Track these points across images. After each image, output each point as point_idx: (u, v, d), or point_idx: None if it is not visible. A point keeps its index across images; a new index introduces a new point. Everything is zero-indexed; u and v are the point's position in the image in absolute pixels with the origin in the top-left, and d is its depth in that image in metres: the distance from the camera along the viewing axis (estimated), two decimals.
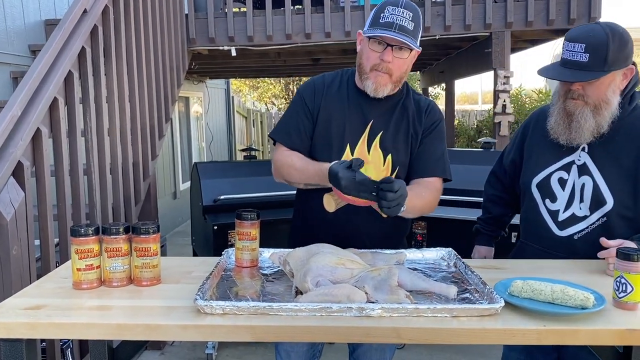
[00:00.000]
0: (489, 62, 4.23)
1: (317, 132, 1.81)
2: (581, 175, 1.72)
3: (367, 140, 1.76)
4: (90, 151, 2.61)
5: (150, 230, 1.45)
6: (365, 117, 1.78)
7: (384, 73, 1.68)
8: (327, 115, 1.80)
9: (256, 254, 1.66)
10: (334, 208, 1.75)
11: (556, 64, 1.67)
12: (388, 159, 1.76)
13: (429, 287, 1.41)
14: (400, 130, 1.79)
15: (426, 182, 1.78)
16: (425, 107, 1.82)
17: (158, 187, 6.82)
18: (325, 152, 1.79)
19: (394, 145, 1.77)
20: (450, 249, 1.73)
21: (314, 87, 1.84)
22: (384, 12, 1.63)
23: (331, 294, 1.31)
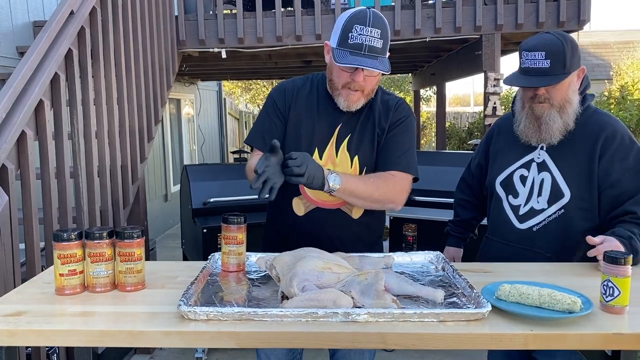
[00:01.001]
0: (480, 65, 4.23)
1: (286, 135, 1.81)
2: (540, 172, 1.83)
3: (335, 144, 1.79)
4: (78, 154, 2.58)
5: (134, 234, 1.43)
6: (333, 121, 1.78)
7: (356, 90, 1.69)
8: (297, 119, 1.80)
9: (243, 258, 1.64)
10: (304, 211, 1.74)
11: (517, 73, 1.78)
12: (355, 161, 1.79)
13: (416, 291, 1.40)
14: (366, 131, 1.79)
15: (385, 173, 1.75)
16: (393, 105, 1.82)
17: (149, 189, 6.82)
18: None
19: (360, 147, 1.79)
20: (438, 252, 1.72)
21: (284, 90, 1.84)
22: (352, 31, 1.60)
23: (317, 299, 1.29)
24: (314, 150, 1.77)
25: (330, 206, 1.78)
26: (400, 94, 14.21)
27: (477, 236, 2.29)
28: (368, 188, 1.69)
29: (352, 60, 1.59)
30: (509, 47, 5.23)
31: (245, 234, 1.65)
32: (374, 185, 1.71)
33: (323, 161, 1.77)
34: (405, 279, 1.45)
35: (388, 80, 15.14)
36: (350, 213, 1.80)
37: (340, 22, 1.64)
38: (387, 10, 4.24)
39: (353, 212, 1.80)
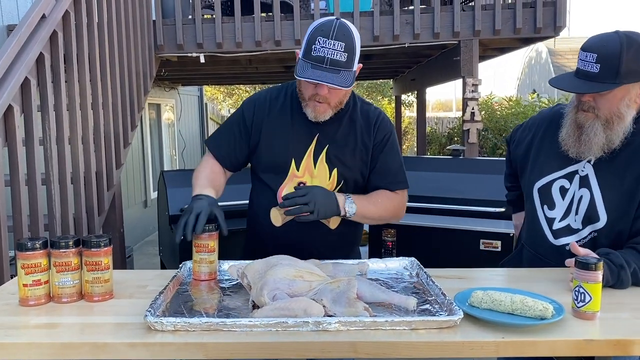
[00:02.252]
0: (458, 70, 4.26)
1: (261, 148, 1.79)
2: (581, 187, 1.66)
3: (313, 154, 1.77)
4: (50, 160, 2.53)
5: (101, 243, 1.40)
6: (310, 130, 1.76)
7: (322, 102, 1.67)
8: (271, 131, 1.78)
9: (214, 266, 1.61)
10: (281, 222, 1.71)
11: (570, 74, 1.62)
12: (334, 173, 1.77)
13: (388, 298, 1.39)
14: (348, 144, 1.77)
15: (388, 193, 1.79)
16: (374, 120, 1.80)
17: (128, 195, 6.74)
18: (270, 169, 1.80)
19: (341, 159, 1.77)
20: (413, 258, 1.71)
21: (255, 102, 1.82)
22: (315, 43, 1.57)
23: (288, 308, 1.27)
24: (290, 162, 1.75)
25: None
26: (383, 99, 14.26)
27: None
28: (378, 210, 1.75)
29: (312, 74, 1.56)
30: (487, 53, 5.28)
31: (217, 241, 1.62)
32: (383, 206, 1.76)
33: (300, 172, 1.76)
34: (378, 287, 1.43)
35: (371, 85, 15.18)
36: (327, 224, 1.79)
37: (308, 32, 1.62)
38: (366, 15, 4.25)
39: (331, 222, 1.79)
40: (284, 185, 1.77)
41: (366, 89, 14.72)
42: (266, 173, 1.81)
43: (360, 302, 1.31)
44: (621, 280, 1.48)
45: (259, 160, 1.81)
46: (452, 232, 3.25)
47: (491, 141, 5.14)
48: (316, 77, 1.56)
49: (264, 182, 1.82)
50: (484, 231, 3.18)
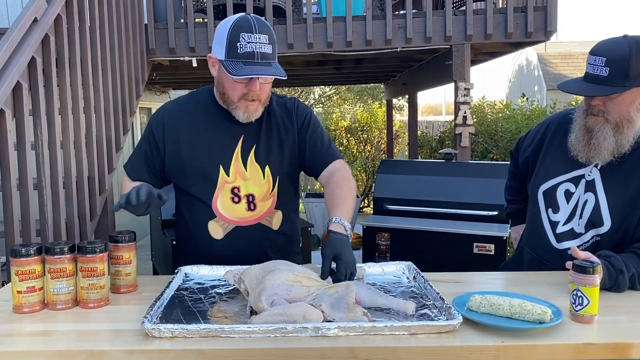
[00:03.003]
0: (450, 74, 4.27)
1: (183, 162, 1.71)
2: (587, 191, 1.66)
3: (240, 156, 1.72)
4: (42, 165, 2.50)
5: (96, 249, 1.39)
6: (233, 134, 1.71)
7: (253, 100, 1.62)
8: (190, 141, 1.71)
9: (132, 279, 1.55)
10: (223, 234, 1.70)
11: (578, 79, 1.62)
12: (267, 172, 1.74)
13: (387, 303, 1.38)
14: (272, 138, 1.74)
15: (335, 178, 1.73)
16: (292, 107, 1.79)
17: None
18: (199, 179, 1.72)
19: (269, 156, 1.73)
20: (409, 262, 1.71)
21: (164, 118, 1.75)
22: (240, 40, 1.52)
23: (286, 314, 1.27)
24: (218, 169, 1.69)
25: (250, 222, 1.73)
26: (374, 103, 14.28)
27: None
28: (351, 196, 1.69)
29: (249, 71, 1.52)
30: (479, 57, 5.31)
31: (135, 252, 1.56)
32: (350, 190, 1.70)
33: (231, 177, 1.70)
34: (376, 291, 1.43)
35: (361, 89, 15.20)
36: (270, 225, 1.76)
37: (224, 32, 1.56)
38: (359, 20, 4.26)
39: (273, 223, 1.77)
40: (217, 194, 1.71)
41: (357, 93, 14.75)
42: (195, 186, 1.73)
43: (359, 307, 1.31)
44: (618, 284, 1.49)
45: (184, 175, 1.73)
46: (446, 235, 3.26)
47: (482, 145, 5.17)
48: (255, 73, 1.52)
49: (193, 196, 1.74)
50: (477, 234, 3.20)
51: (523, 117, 5.19)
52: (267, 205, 1.74)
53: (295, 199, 1.88)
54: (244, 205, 1.72)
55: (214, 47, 1.60)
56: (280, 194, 1.76)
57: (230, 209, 1.71)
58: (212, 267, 1.67)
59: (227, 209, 1.71)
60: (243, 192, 1.71)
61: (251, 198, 1.72)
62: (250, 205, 1.72)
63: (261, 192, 1.73)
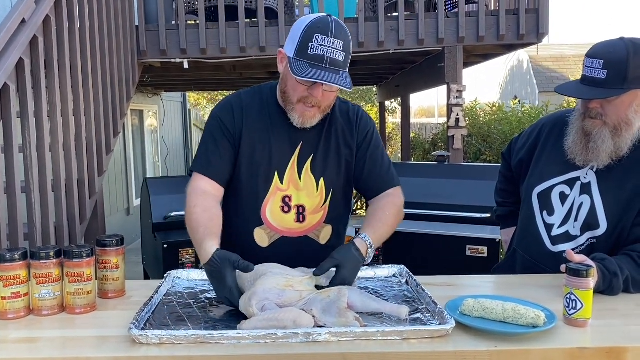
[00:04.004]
0: (442, 77, 4.27)
1: (240, 160, 1.64)
2: (582, 194, 1.65)
3: (296, 165, 1.66)
4: (30, 168, 2.47)
5: (83, 254, 1.36)
6: (292, 140, 1.64)
7: (312, 106, 1.55)
8: (251, 140, 1.64)
9: (120, 284, 1.52)
10: (268, 242, 1.66)
11: (576, 82, 1.60)
12: (321, 184, 1.68)
13: (380, 307, 1.37)
14: (331, 149, 1.67)
15: (384, 201, 1.68)
16: (355, 118, 1.70)
17: (110, 203, 6.65)
18: (252, 182, 1.65)
19: (326, 168, 1.67)
20: (402, 266, 1.70)
21: (231, 108, 1.65)
22: (312, 41, 1.45)
23: (276, 319, 1.24)
24: (274, 175, 1.63)
25: (298, 234, 1.68)
26: (367, 106, 14.30)
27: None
28: (390, 224, 1.64)
29: (313, 74, 1.44)
30: (471, 60, 5.32)
31: (123, 257, 1.52)
32: (392, 217, 1.65)
33: (284, 185, 1.65)
34: (369, 295, 1.41)
35: (354, 92, 15.23)
36: (317, 239, 1.70)
37: (299, 29, 1.49)
38: (351, 22, 4.25)
39: (321, 237, 1.70)
40: (267, 200, 1.64)
41: (349, 95, 14.77)
42: (246, 189, 1.65)
43: (351, 312, 1.29)
44: (612, 287, 1.47)
45: (238, 174, 1.65)
46: (438, 238, 3.25)
47: (475, 147, 5.17)
48: (320, 78, 1.43)
49: (242, 199, 1.67)
50: (470, 237, 3.19)
51: (516, 119, 5.20)
52: (316, 218, 1.68)
53: (346, 215, 1.80)
54: (294, 215, 1.66)
55: (287, 42, 1.53)
56: (332, 208, 1.69)
57: (279, 218, 1.65)
58: (202, 271, 1.64)
59: (275, 217, 1.65)
60: (294, 202, 1.65)
61: (301, 209, 1.66)
62: (300, 217, 1.66)
63: (312, 204, 1.67)
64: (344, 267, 1.43)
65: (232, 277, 1.36)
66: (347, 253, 1.46)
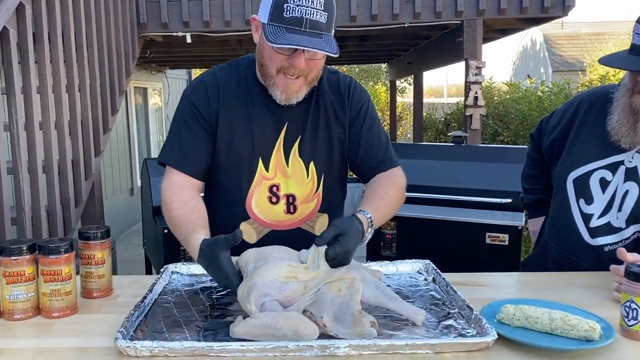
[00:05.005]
0: (460, 52, 4.03)
1: (219, 148, 1.44)
2: (627, 180, 1.46)
3: (283, 149, 1.47)
4: (17, 147, 2.28)
5: (61, 248, 1.17)
6: (276, 120, 1.44)
7: (296, 77, 1.33)
8: (229, 125, 1.43)
9: (105, 282, 1.32)
10: (256, 238, 1.47)
11: (623, 52, 1.40)
12: (311, 169, 1.48)
13: (395, 308, 1.16)
14: (320, 128, 1.47)
15: (385, 181, 1.48)
16: (346, 90, 1.49)
17: (113, 183, 6.49)
18: (233, 171, 1.46)
19: (315, 150, 1.47)
20: (427, 261, 1.50)
21: (205, 89, 1.44)
22: (288, 2, 1.24)
23: (275, 326, 1.06)
24: (257, 162, 1.44)
25: (289, 226, 1.49)
26: (376, 85, 14.00)
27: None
28: (392, 204, 1.43)
29: (290, 40, 1.23)
30: (489, 35, 5.05)
31: (109, 250, 1.33)
32: (395, 197, 1.44)
33: (270, 173, 1.46)
34: (384, 291, 1.19)
35: (362, 71, 14.90)
36: (312, 230, 1.51)
37: None
38: None
39: (316, 228, 1.51)
40: (252, 191, 1.46)
41: (357, 74, 14.46)
42: (228, 180, 1.47)
43: (367, 316, 1.09)
44: None
45: (217, 164, 1.46)
46: (456, 224, 3.05)
47: (492, 127, 4.94)
48: (298, 43, 1.23)
49: (224, 191, 1.49)
50: (490, 224, 2.99)
51: (536, 98, 4.95)
52: (309, 208, 1.50)
53: (342, 200, 1.62)
54: (283, 206, 1.48)
55: (261, 6, 1.32)
56: (326, 195, 1.51)
57: (267, 210, 1.47)
58: None
59: (263, 209, 1.47)
60: (283, 191, 1.47)
61: (291, 199, 1.48)
62: (290, 207, 1.48)
63: (303, 192, 1.48)
64: (348, 235, 1.19)
65: (226, 259, 1.17)
66: (350, 222, 1.24)
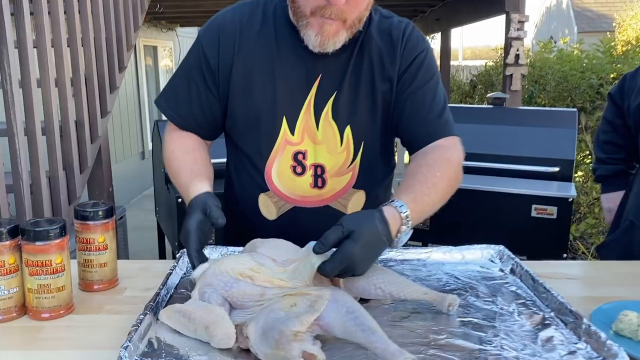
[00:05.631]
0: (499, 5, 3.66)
1: (233, 102, 1.19)
2: None
3: (313, 109, 1.18)
4: (11, 107, 2.02)
5: (50, 233, 0.91)
6: (307, 71, 1.16)
7: (334, 20, 1.07)
8: (247, 73, 1.17)
9: (110, 271, 1.07)
10: (276, 214, 1.20)
11: None
12: (347, 134, 1.18)
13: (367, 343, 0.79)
14: (361, 84, 1.18)
15: (433, 156, 1.15)
16: (400, 37, 1.18)
17: (124, 147, 6.25)
18: (251, 135, 1.20)
19: (354, 112, 1.19)
20: (501, 247, 1.23)
21: (218, 33, 1.17)
22: None
23: (189, 316, 0.86)
24: (281, 122, 1.18)
25: (316, 203, 1.22)
26: None
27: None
28: (441, 189, 1.09)
29: None
30: None
31: (113, 232, 1.07)
32: (445, 179, 1.10)
33: (296, 137, 1.19)
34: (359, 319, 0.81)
35: None
36: (345, 210, 1.24)
37: None
38: None
39: (348, 208, 1.24)
40: (273, 157, 1.20)
41: None
42: (244, 140, 1.23)
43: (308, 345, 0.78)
44: None
45: (233, 120, 1.22)
46: (498, 195, 2.75)
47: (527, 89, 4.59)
48: None
49: (243, 153, 1.25)
50: (537, 195, 2.69)
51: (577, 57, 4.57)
52: (341, 183, 1.23)
53: (387, 176, 1.33)
54: (309, 179, 1.21)
55: None
56: (364, 169, 1.23)
57: (290, 182, 1.21)
58: (227, 249, 1.21)
59: (285, 181, 1.21)
60: (310, 160, 1.20)
61: (320, 170, 1.21)
62: (318, 181, 1.21)
63: (335, 163, 1.20)
64: (355, 241, 0.90)
65: (196, 221, 1.01)
66: (365, 220, 0.95)
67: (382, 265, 1.05)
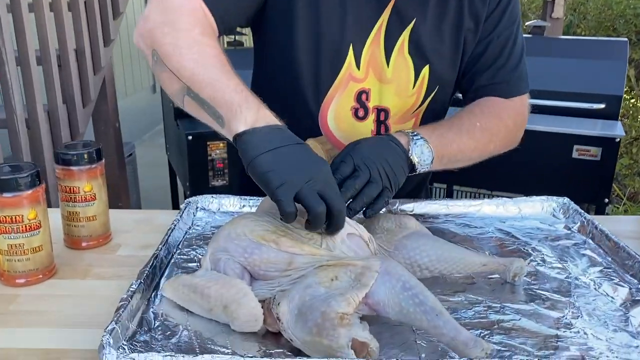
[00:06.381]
0: None
1: (292, 23, 0.94)
2: None
3: (384, 38, 0.96)
4: (1, 34, 1.81)
5: (19, 181, 0.73)
6: None
7: None
8: None
9: (100, 225, 0.89)
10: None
11: None
12: (424, 75, 0.98)
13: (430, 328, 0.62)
14: (447, 15, 0.97)
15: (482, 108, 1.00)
16: None
17: (134, 79, 6.02)
18: (310, 59, 0.96)
19: (437, 47, 0.99)
20: (565, 199, 1.03)
21: None
22: None
23: (203, 292, 0.69)
24: (347, 49, 0.96)
25: None
26: None
27: None
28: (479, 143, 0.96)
29: None
30: None
31: (102, 179, 0.88)
32: (486, 131, 0.96)
33: (361, 73, 0.99)
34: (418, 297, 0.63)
35: None
36: None
37: None
38: None
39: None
40: (332, 94, 0.99)
41: None
42: (300, 70, 0.98)
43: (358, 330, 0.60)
44: None
45: (292, 44, 0.97)
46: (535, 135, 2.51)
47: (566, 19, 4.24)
48: None
49: (294, 87, 1.01)
50: (578, 134, 2.46)
51: None
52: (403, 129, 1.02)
53: None
54: (371, 124, 1.02)
55: None
56: (428, 117, 1.04)
57: (349, 127, 1.02)
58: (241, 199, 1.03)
59: (343, 125, 1.02)
60: (373, 102, 1.00)
61: (383, 115, 1.01)
62: (380, 127, 1.02)
63: (401, 107, 1.01)
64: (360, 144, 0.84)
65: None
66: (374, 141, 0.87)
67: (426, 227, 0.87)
